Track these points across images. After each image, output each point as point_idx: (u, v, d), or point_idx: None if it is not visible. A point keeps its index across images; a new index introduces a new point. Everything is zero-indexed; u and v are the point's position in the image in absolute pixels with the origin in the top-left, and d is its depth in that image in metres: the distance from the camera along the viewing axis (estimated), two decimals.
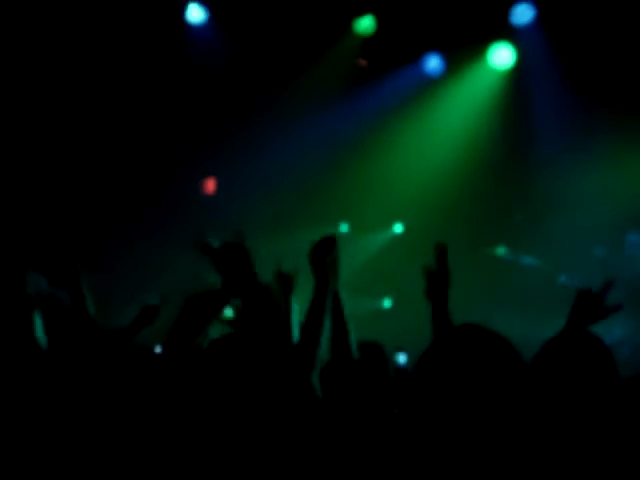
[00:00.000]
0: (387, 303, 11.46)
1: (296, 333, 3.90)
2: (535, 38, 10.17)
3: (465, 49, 10.36)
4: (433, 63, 10.69)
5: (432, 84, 10.70)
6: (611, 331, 9.07)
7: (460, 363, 2.34)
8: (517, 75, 10.52)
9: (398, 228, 11.50)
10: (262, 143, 10.46)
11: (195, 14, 10.31)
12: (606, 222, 9.91)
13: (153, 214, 10.28)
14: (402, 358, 4.98)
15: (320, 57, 10.51)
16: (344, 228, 11.29)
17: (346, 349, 3.65)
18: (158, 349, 4.25)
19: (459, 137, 10.65)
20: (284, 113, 10.40)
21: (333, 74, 10.61)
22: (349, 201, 10.97)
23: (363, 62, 10.76)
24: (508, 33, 10.29)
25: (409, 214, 11.04)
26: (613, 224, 9.92)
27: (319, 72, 10.54)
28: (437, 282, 3.67)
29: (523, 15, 10.07)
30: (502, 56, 10.45)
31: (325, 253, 3.80)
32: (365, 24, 10.43)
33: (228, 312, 5.69)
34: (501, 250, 10.29)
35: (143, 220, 10.19)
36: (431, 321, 3.63)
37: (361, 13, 10.35)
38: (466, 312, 3.63)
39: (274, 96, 10.38)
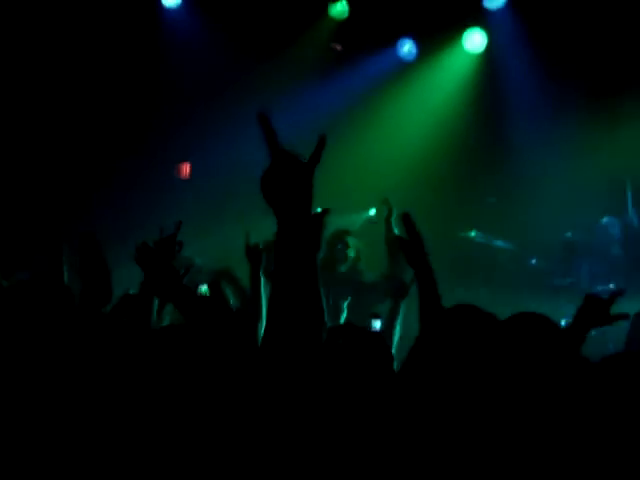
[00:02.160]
0: None
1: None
2: (507, 22, 10.25)
3: (438, 33, 10.42)
4: (407, 47, 10.75)
5: (406, 68, 10.76)
6: None
7: (458, 351, 2.38)
8: (489, 59, 10.60)
9: (371, 212, 11.55)
10: (237, 127, 10.48)
11: None
12: (578, 206, 10.01)
13: (127, 197, 10.28)
14: (377, 324, 5.08)
15: (295, 40, 10.53)
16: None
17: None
18: None
19: (433, 121, 10.71)
20: (259, 96, 10.42)
21: (308, 58, 10.63)
22: (323, 185, 10.98)
23: (338, 46, 10.79)
24: (481, 17, 10.36)
25: (382, 198, 11.08)
26: (586, 208, 10.00)
27: (294, 55, 10.55)
28: (413, 249, 3.65)
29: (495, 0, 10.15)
30: (475, 40, 10.52)
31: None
32: (339, 8, 10.46)
33: (204, 288, 5.75)
34: (474, 233, 10.36)
35: (117, 204, 10.20)
36: (419, 294, 3.63)
37: None
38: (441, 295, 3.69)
39: (250, 80, 10.39)
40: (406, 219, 3.62)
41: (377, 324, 5.09)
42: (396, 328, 5.12)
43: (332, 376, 2.92)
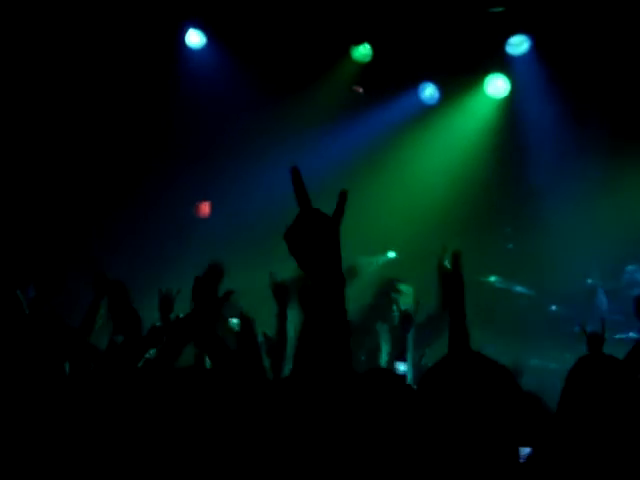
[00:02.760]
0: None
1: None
2: (530, 68, 10.25)
3: (461, 78, 10.44)
4: (429, 91, 10.77)
5: (428, 112, 10.77)
6: None
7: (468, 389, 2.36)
8: (512, 104, 10.60)
9: (391, 255, 11.52)
10: (256, 168, 10.51)
11: (194, 39, 10.39)
12: (601, 252, 9.93)
13: (148, 234, 10.30)
14: (402, 367, 5.09)
15: (317, 82, 10.58)
16: None
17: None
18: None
19: (454, 166, 10.70)
20: (281, 137, 10.45)
21: (330, 100, 10.67)
22: (343, 229, 10.96)
23: (360, 89, 10.82)
24: (503, 63, 10.38)
25: (403, 241, 11.05)
26: (609, 255, 9.93)
27: (316, 97, 10.60)
28: (453, 284, 3.77)
29: (519, 46, 10.15)
30: (497, 86, 10.52)
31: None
32: (362, 51, 10.50)
33: (234, 321, 5.74)
34: (493, 279, 10.30)
35: (137, 241, 10.21)
36: (449, 327, 3.72)
37: (359, 41, 10.43)
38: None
39: (271, 120, 10.43)
40: (456, 257, 3.86)
41: (402, 366, 5.08)
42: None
43: (355, 418, 2.89)
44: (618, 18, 9.17)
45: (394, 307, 7.28)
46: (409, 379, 5.01)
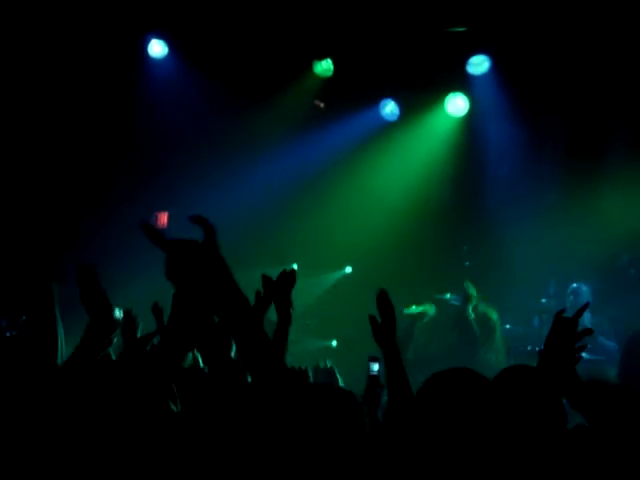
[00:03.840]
0: (334, 343, 11.46)
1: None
2: (489, 87, 10.34)
3: (421, 96, 10.51)
4: (389, 108, 10.83)
5: (388, 129, 10.82)
6: None
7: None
8: (471, 123, 10.68)
9: (348, 270, 11.55)
10: (215, 179, 10.49)
11: (156, 49, 10.37)
12: (557, 272, 10.02)
13: (105, 245, 10.23)
14: (375, 366, 5.10)
15: (279, 95, 10.60)
16: (294, 267, 11.34)
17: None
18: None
19: (412, 182, 10.76)
20: (239, 150, 10.46)
21: (291, 112, 10.69)
22: (299, 242, 10.99)
23: (321, 103, 10.86)
24: (464, 82, 10.46)
25: (360, 257, 11.08)
26: (565, 274, 10.00)
27: (277, 109, 10.62)
28: (382, 329, 3.74)
29: (479, 65, 10.25)
30: (457, 104, 10.60)
31: (288, 286, 3.87)
32: (324, 66, 10.54)
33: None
34: (448, 296, 10.34)
35: (94, 250, 10.14)
36: (385, 371, 3.67)
37: (321, 55, 10.46)
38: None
39: (232, 130, 10.43)
40: (381, 297, 3.70)
41: (375, 367, 5.10)
42: None
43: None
44: (576, 41, 9.30)
45: None
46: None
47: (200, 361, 4.96)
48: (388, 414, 3.04)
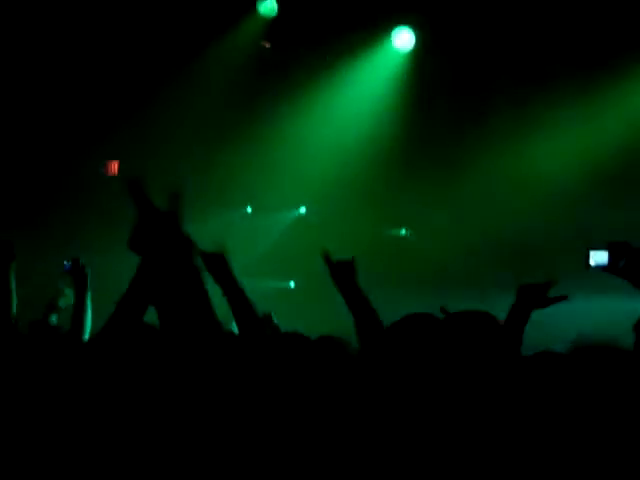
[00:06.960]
0: (292, 284, 11.51)
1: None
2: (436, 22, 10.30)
3: (368, 31, 10.44)
4: (337, 45, 10.74)
5: (335, 66, 10.76)
6: None
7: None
8: (418, 58, 10.63)
9: (302, 210, 11.55)
10: (164, 123, 10.41)
11: None
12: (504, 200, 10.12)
13: (55, 197, 10.17)
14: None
15: (223, 38, 10.50)
16: (248, 210, 11.37)
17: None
18: None
19: (362, 119, 10.74)
20: (188, 92, 10.38)
21: (237, 55, 10.60)
22: (253, 183, 10.97)
23: (267, 44, 10.77)
24: (410, 16, 10.40)
25: (314, 196, 11.09)
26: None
27: (223, 52, 10.53)
28: (341, 274, 3.70)
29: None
30: (403, 39, 10.54)
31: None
32: (268, 6, 10.43)
33: None
34: (403, 231, 10.42)
35: (46, 202, 10.08)
36: (353, 319, 3.62)
37: None
38: (371, 293, 3.69)
39: (178, 74, 10.33)
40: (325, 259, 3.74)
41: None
42: None
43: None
44: None
45: None
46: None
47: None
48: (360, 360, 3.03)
